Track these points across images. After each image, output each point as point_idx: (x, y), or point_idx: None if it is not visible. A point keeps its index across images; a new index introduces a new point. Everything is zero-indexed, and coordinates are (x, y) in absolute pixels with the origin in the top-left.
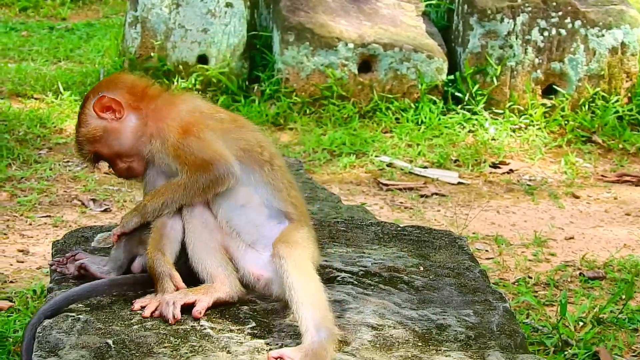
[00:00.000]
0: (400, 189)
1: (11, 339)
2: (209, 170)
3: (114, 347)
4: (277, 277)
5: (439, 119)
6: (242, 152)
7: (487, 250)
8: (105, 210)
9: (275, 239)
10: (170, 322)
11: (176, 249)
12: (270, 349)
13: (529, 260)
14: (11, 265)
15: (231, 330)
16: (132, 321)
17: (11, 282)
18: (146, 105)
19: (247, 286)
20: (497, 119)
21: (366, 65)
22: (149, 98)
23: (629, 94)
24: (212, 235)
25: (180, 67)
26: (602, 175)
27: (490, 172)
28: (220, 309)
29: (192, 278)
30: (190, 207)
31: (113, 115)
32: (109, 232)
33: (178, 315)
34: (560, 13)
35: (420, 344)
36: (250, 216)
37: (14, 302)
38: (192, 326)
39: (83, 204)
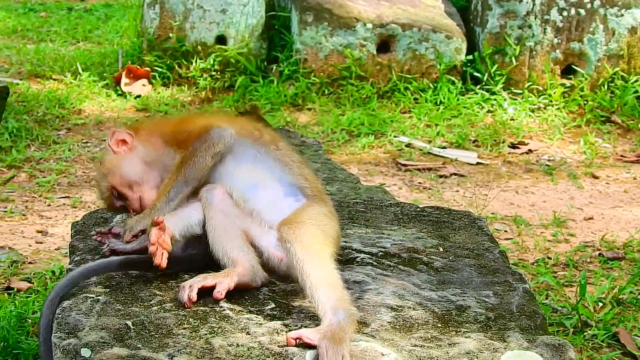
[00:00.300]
0: (419, 170)
1: (30, 320)
2: (201, 135)
3: (133, 329)
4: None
5: (458, 99)
6: (240, 133)
7: (506, 231)
8: None
9: (280, 221)
10: (185, 305)
11: (185, 230)
12: (289, 330)
13: (548, 240)
14: (30, 246)
15: (250, 312)
16: (151, 302)
17: (30, 263)
18: (153, 133)
19: (271, 270)
20: (516, 99)
21: (385, 45)
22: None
23: None
24: (231, 221)
25: (199, 47)
26: (622, 156)
27: (509, 152)
28: (239, 289)
29: (216, 267)
30: (208, 195)
31: (125, 147)
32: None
33: (194, 297)
34: None
35: (439, 325)
36: (267, 195)
37: (33, 283)
38: (211, 307)
39: None
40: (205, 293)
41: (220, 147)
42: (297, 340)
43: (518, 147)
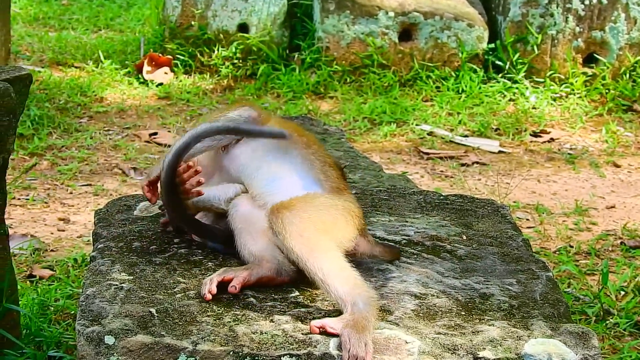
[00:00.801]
0: (441, 158)
1: (52, 308)
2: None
3: (157, 316)
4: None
5: (480, 88)
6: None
7: (527, 219)
8: None
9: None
10: (205, 298)
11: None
12: (313, 318)
13: (570, 229)
14: (52, 234)
15: (274, 299)
16: (175, 290)
17: (52, 250)
18: None
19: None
20: (537, 88)
21: (407, 33)
22: None
23: None
24: (254, 224)
25: (221, 35)
26: None
27: (531, 141)
28: (264, 285)
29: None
30: (234, 209)
31: None
32: None
33: (213, 290)
34: None
35: (463, 313)
36: (286, 188)
37: (55, 270)
38: (235, 295)
39: (124, 172)
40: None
41: (243, 111)
42: (321, 329)
43: (540, 136)
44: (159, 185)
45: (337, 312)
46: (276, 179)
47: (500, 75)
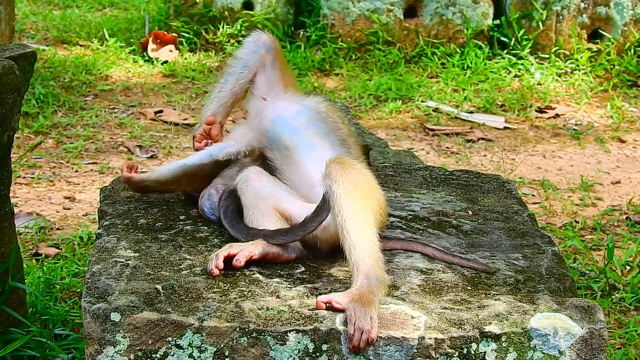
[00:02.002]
0: (446, 134)
1: (58, 286)
2: None
3: (163, 293)
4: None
5: (485, 64)
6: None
7: (533, 195)
8: (151, 157)
9: (328, 160)
10: (212, 274)
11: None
12: (319, 294)
13: (576, 204)
14: (57, 212)
15: (280, 275)
16: (181, 267)
17: (58, 229)
18: None
19: (307, 243)
20: (542, 64)
21: (412, 10)
22: None
23: None
24: (266, 197)
25: (226, 13)
26: None
27: (536, 117)
28: (271, 262)
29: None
30: (243, 180)
31: None
32: None
33: (220, 265)
34: None
35: (469, 287)
36: (321, 157)
37: (61, 249)
38: (241, 271)
39: (129, 150)
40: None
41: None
42: (327, 305)
43: (545, 112)
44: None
45: (344, 288)
46: (314, 148)
47: (505, 51)
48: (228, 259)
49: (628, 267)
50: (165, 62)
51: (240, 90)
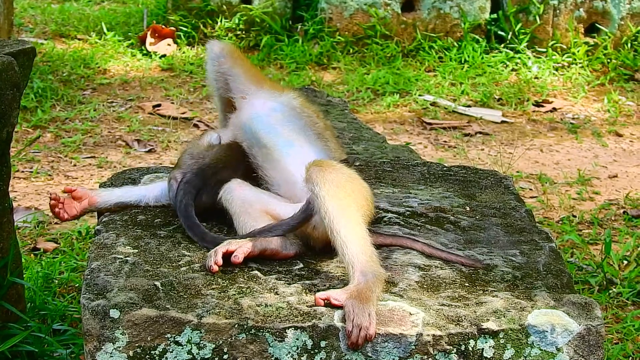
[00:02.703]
0: (444, 128)
1: (56, 281)
2: None
3: (162, 289)
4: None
5: (482, 58)
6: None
7: (530, 189)
8: (149, 151)
9: (308, 164)
10: (212, 270)
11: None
12: (317, 290)
13: (573, 199)
14: None
15: (279, 272)
16: (179, 263)
17: (56, 223)
18: None
19: (308, 246)
20: (540, 58)
21: (409, 4)
22: None
23: None
24: (254, 203)
25: (224, 7)
26: None
27: (534, 111)
28: (270, 258)
29: None
30: (227, 193)
31: None
32: (156, 174)
33: (219, 261)
34: None
35: (467, 284)
36: (300, 154)
37: (59, 243)
38: (240, 268)
39: (127, 144)
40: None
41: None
42: (326, 301)
43: (542, 106)
44: None
45: (342, 285)
46: (293, 145)
47: (502, 45)
48: (227, 255)
49: (625, 262)
50: (164, 55)
51: (223, 99)
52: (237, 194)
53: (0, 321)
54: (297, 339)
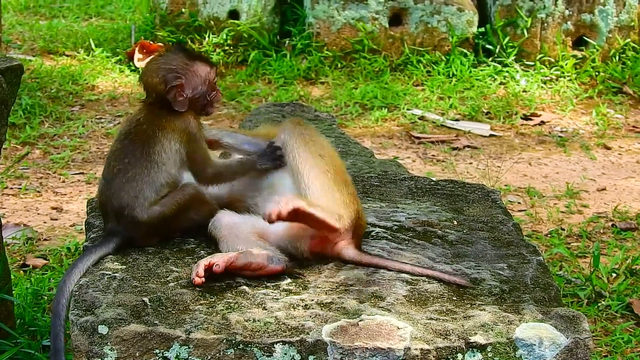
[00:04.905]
0: (432, 142)
1: (46, 297)
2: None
3: (150, 305)
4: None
5: (470, 72)
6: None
7: (519, 203)
8: None
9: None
10: (195, 282)
11: None
12: (305, 306)
13: (562, 212)
14: (45, 222)
15: (266, 287)
16: (168, 279)
17: (45, 239)
18: None
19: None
20: (528, 71)
21: (397, 18)
22: None
23: None
24: (242, 228)
25: (212, 22)
26: (634, 126)
27: (522, 124)
28: (259, 275)
29: None
30: (215, 225)
31: None
32: None
33: (201, 272)
34: None
35: (454, 298)
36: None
37: (49, 260)
38: (227, 283)
39: None
40: (224, 273)
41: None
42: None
43: (530, 119)
44: None
45: (330, 300)
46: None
47: (490, 59)
48: (209, 268)
49: (614, 275)
50: None
51: None
52: (224, 221)
53: None
54: (286, 354)
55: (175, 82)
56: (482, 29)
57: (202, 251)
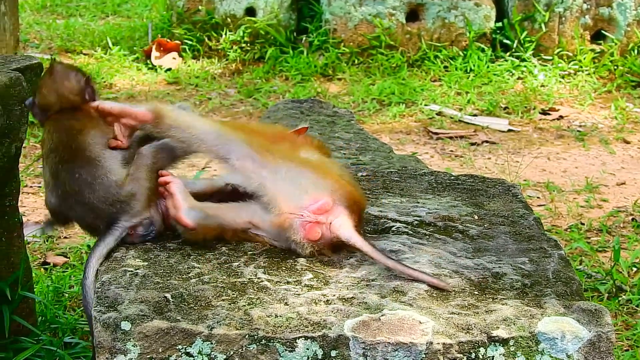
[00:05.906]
0: (450, 138)
1: (67, 294)
2: None
3: (173, 301)
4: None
5: (488, 67)
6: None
7: (538, 197)
8: None
9: None
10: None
11: None
12: (327, 301)
13: (581, 206)
14: None
15: (288, 282)
16: (189, 275)
17: (65, 237)
18: None
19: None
20: (546, 66)
21: (414, 14)
22: None
23: None
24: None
25: (228, 20)
26: None
27: (540, 119)
28: (276, 260)
29: None
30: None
31: None
32: None
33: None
34: None
35: (476, 292)
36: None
37: (69, 257)
38: (249, 279)
39: None
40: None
41: None
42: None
43: (549, 114)
44: None
45: (352, 295)
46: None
47: (508, 53)
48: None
49: (635, 269)
50: (169, 69)
51: None
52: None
53: (12, 335)
54: (308, 349)
55: None
56: (500, 24)
57: (223, 247)
